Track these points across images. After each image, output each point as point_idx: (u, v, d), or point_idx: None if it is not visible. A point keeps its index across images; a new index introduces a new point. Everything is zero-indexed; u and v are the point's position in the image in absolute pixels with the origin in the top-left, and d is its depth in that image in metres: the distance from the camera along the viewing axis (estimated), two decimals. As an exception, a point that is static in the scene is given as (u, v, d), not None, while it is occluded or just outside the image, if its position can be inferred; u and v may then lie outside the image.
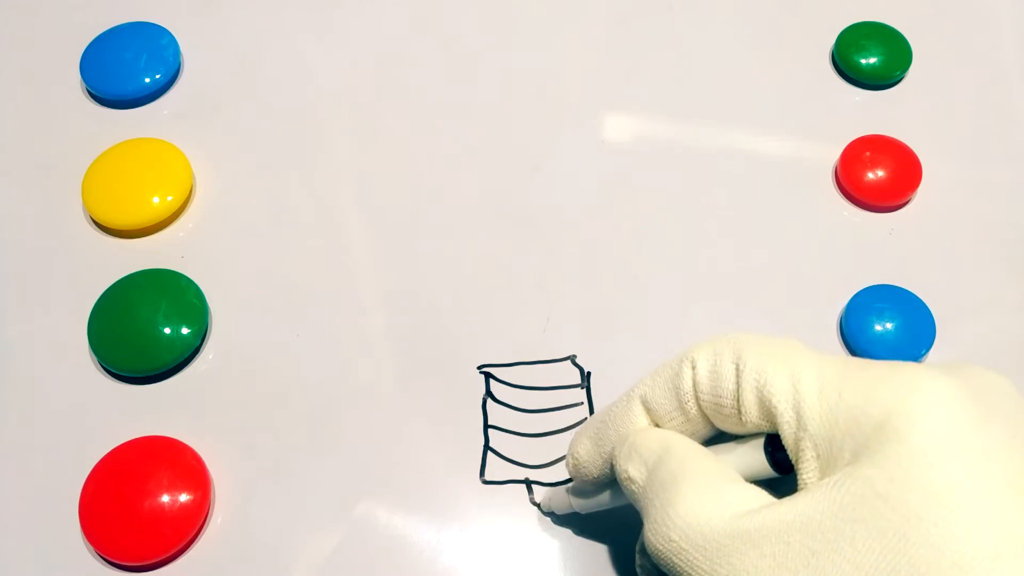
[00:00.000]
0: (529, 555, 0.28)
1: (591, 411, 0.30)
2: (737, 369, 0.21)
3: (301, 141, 0.36)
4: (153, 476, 0.28)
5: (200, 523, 0.28)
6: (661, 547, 0.20)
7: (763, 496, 0.20)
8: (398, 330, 0.32)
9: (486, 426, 0.30)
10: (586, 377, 0.31)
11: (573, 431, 0.30)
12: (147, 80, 0.37)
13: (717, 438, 0.22)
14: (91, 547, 0.28)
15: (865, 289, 0.32)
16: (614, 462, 0.23)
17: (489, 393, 0.31)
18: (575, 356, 0.31)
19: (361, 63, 0.38)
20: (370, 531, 0.28)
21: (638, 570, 0.24)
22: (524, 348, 0.31)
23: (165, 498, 0.28)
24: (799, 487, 0.19)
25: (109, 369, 0.31)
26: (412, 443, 0.30)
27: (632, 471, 0.22)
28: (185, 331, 0.31)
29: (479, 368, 0.31)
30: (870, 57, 0.37)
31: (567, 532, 0.28)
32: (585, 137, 0.36)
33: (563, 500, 0.27)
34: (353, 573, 0.28)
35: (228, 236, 0.34)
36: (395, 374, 0.31)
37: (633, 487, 0.22)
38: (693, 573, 0.19)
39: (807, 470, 0.19)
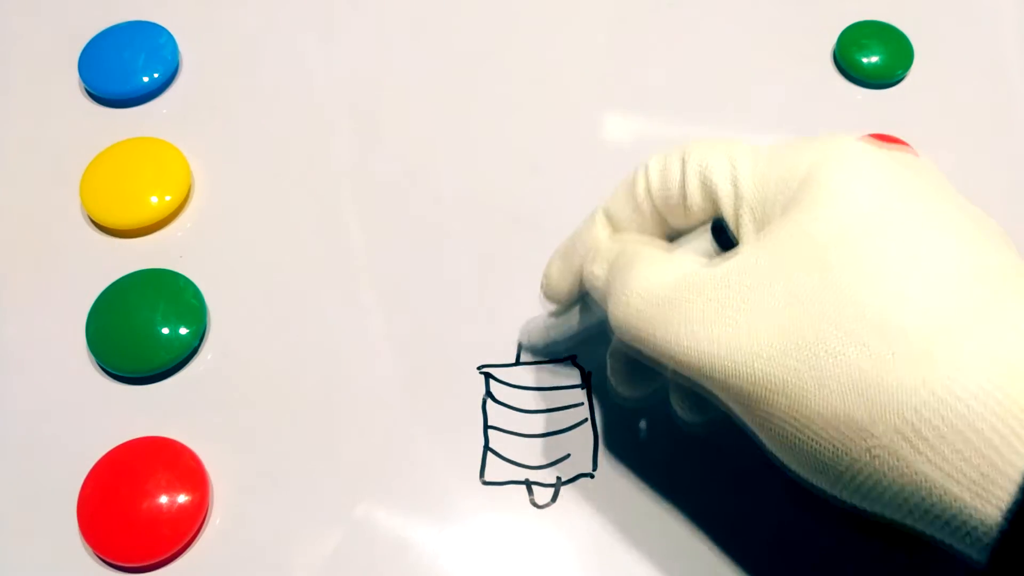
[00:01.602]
0: (529, 555, 0.28)
1: (591, 411, 0.30)
2: (683, 163, 0.23)
3: (300, 140, 0.36)
4: (151, 477, 0.28)
5: (198, 524, 0.28)
6: (622, 314, 0.22)
7: (710, 261, 0.22)
8: (398, 330, 0.32)
9: (486, 426, 0.30)
10: (586, 377, 0.31)
11: (573, 432, 0.30)
12: (145, 79, 0.37)
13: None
14: (89, 548, 0.28)
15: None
16: (583, 271, 0.25)
17: (489, 393, 0.30)
18: (575, 356, 0.31)
19: (360, 63, 0.38)
20: (370, 532, 0.28)
21: (609, 376, 0.27)
22: (524, 348, 0.31)
23: (163, 499, 0.28)
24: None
25: (107, 369, 0.31)
26: (412, 443, 0.30)
27: (596, 269, 0.24)
28: (183, 331, 0.31)
29: (479, 368, 0.31)
30: (871, 56, 0.37)
31: (567, 532, 0.28)
32: (585, 137, 0.36)
33: (539, 328, 0.30)
34: (353, 573, 0.28)
35: (226, 236, 0.34)
36: (395, 374, 0.31)
37: (598, 284, 0.24)
38: (651, 329, 0.21)
39: (746, 233, 0.22)
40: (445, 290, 0.32)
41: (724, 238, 0.22)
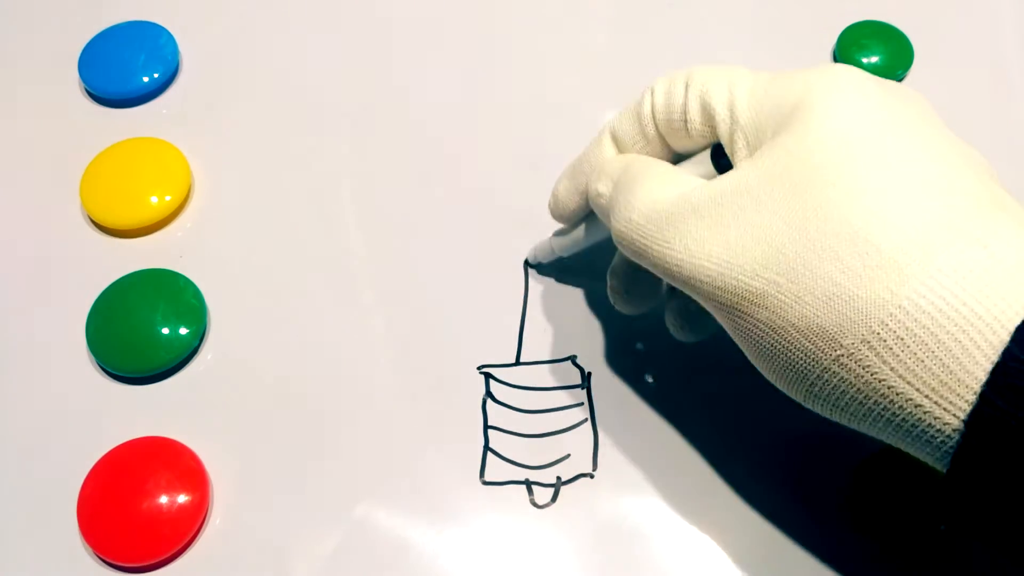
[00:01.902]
0: (529, 555, 0.28)
1: (591, 411, 0.30)
2: (686, 87, 0.24)
3: (300, 140, 0.36)
4: (151, 477, 0.28)
5: (198, 524, 0.28)
6: (623, 229, 0.23)
7: (707, 181, 0.23)
8: (398, 330, 0.32)
9: (486, 426, 0.30)
10: (586, 377, 0.31)
11: (573, 432, 0.30)
12: (145, 79, 0.37)
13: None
14: (89, 548, 0.28)
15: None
16: (588, 189, 0.26)
17: (489, 393, 0.30)
18: (575, 356, 0.31)
19: (360, 62, 0.38)
20: (370, 531, 0.28)
21: (609, 293, 0.28)
22: (524, 348, 0.31)
23: (163, 499, 0.28)
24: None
25: (107, 369, 0.31)
26: (412, 443, 0.30)
27: (601, 187, 0.25)
28: (183, 331, 0.31)
29: (479, 368, 0.31)
30: (871, 56, 0.37)
31: (567, 532, 0.28)
32: (585, 136, 0.36)
33: (546, 247, 0.31)
34: (353, 573, 0.28)
35: (226, 236, 0.34)
36: (395, 374, 0.31)
37: (602, 201, 0.25)
38: (649, 243, 0.23)
39: (740, 157, 0.23)
40: (445, 290, 0.32)
41: (723, 162, 0.23)
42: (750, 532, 0.28)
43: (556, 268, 0.33)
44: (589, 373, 0.31)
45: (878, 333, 0.19)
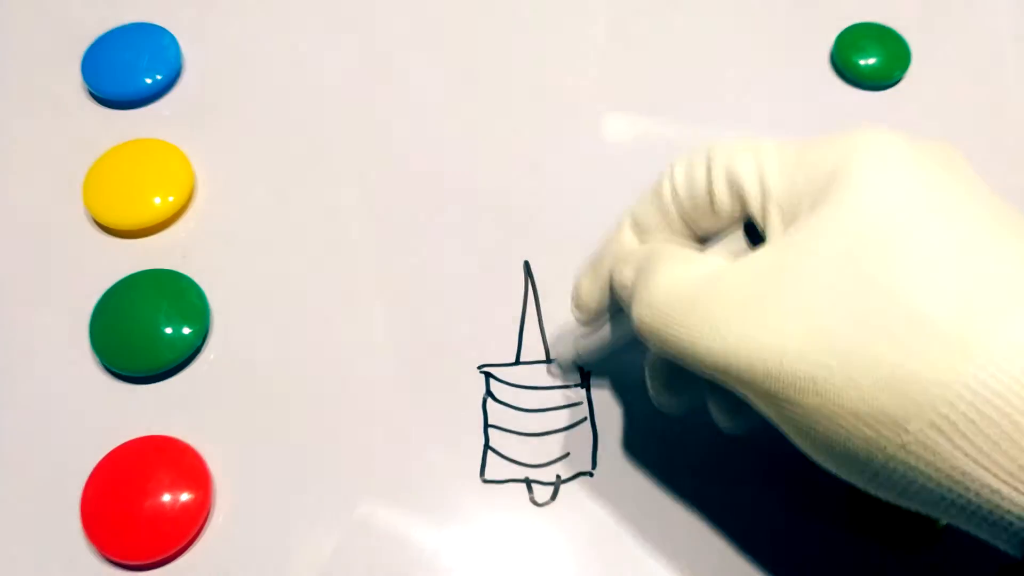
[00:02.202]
0: (529, 554, 0.28)
1: (591, 411, 0.30)
2: (708, 163, 0.23)
3: (302, 141, 0.36)
4: (154, 475, 0.28)
5: (201, 522, 0.28)
6: (646, 317, 0.22)
7: (736, 260, 0.21)
8: (399, 329, 0.32)
9: (486, 425, 0.30)
10: (586, 376, 0.31)
11: (573, 431, 0.30)
12: (148, 81, 0.37)
13: None
14: (92, 546, 0.28)
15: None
16: (612, 280, 0.25)
17: (489, 393, 0.31)
18: (575, 356, 0.31)
19: (361, 63, 0.38)
20: (370, 530, 0.28)
21: (649, 390, 0.26)
22: (524, 348, 0.31)
23: (166, 497, 0.28)
24: None
25: (111, 369, 0.31)
26: (412, 443, 0.30)
27: (625, 275, 0.24)
28: (186, 331, 0.31)
29: (479, 368, 0.31)
30: (869, 58, 0.37)
31: (567, 530, 0.28)
32: (584, 136, 0.36)
33: (568, 351, 0.29)
34: (353, 572, 0.28)
35: (229, 236, 0.34)
36: (396, 373, 0.31)
37: (625, 289, 0.24)
38: (674, 330, 0.21)
39: (774, 231, 0.21)
40: (446, 290, 0.33)
41: (758, 237, 0.22)
42: (750, 531, 0.28)
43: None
44: (589, 373, 0.31)
45: (946, 415, 0.17)
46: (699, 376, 0.23)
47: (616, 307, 0.26)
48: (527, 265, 0.33)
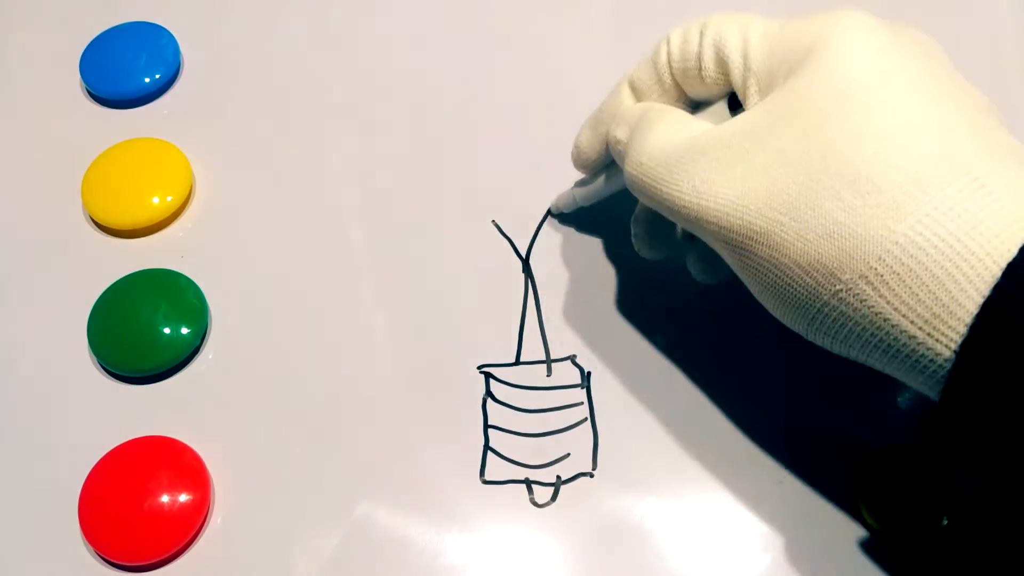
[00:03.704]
0: (529, 555, 0.28)
1: (591, 411, 0.30)
2: (701, 35, 0.25)
3: (301, 140, 0.36)
4: (153, 476, 0.28)
5: (200, 523, 0.28)
6: (635, 172, 0.24)
7: (716, 125, 0.23)
8: (398, 330, 0.32)
9: (486, 426, 0.30)
10: (586, 377, 0.31)
11: (573, 431, 0.30)
12: (147, 80, 0.37)
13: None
14: (91, 547, 0.28)
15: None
16: (608, 136, 0.27)
17: (489, 393, 0.31)
18: (575, 356, 0.31)
19: (361, 62, 0.38)
20: (370, 531, 0.28)
21: (633, 240, 0.30)
22: (524, 348, 0.31)
23: (165, 498, 0.28)
24: None
25: (109, 369, 0.31)
26: (412, 443, 0.30)
27: (619, 133, 0.26)
28: (185, 331, 0.31)
29: (479, 368, 0.31)
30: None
31: (567, 531, 0.28)
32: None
33: (568, 197, 0.32)
34: (353, 573, 0.28)
35: (228, 236, 0.34)
36: (395, 374, 0.31)
37: (620, 147, 0.26)
38: (659, 186, 0.24)
39: (751, 103, 0.23)
40: (446, 289, 0.33)
41: (739, 110, 0.24)
42: (750, 530, 0.28)
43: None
44: (589, 372, 0.31)
45: (875, 268, 0.20)
46: (677, 229, 0.28)
47: (611, 159, 0.29)
48: (527, 265, 0.33)
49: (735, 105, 0.25)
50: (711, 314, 0.32)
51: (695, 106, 0.26)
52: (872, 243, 0.20)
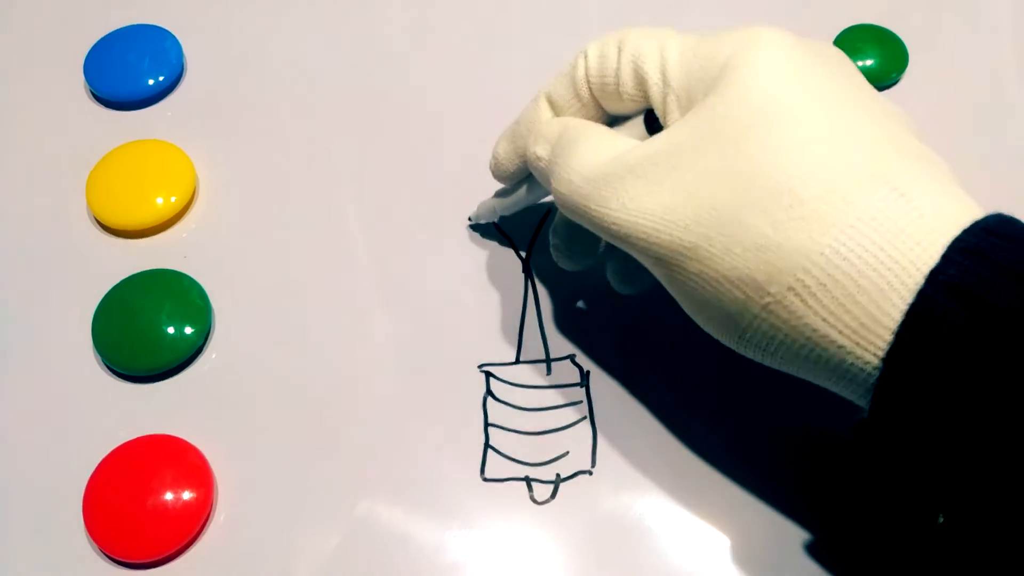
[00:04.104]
0: (529, 553, 0.28)
1: (590, 409, 0.30)
2: (619, 51, 0.25)
3: (303, 142, 0.36)
4: (156, 474, 0.29)
5: (203, 521, 0.28)
6: (564, 191, 0.24)
7: (641, 142, 0.23)
8: (399, 329, 0.32)
9: (486, 424, 0.30)
10: (585, 377, 0.31)
11: (572, 429, 0.30)
12: (150, 82, 0.37)
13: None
14: (95, 545, 0.28)
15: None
16: (525, 152, 0.27)
17: (489, 391, 0.31)
18: (574, 355, 0.31)
19: (362, 64, 0.38)
20: (371, 529, 0.28)
21: (552, 251, 0.30)
22: (524, 348, 0.32)
23: (168, 496, 0.28)
24: None
25: (113, 368, 0.31)
26: (412, 442, 0.30)
27: (539, 150, 0.26)
28: (188, 331, 0.31)
29: (479, 367, 0.31)
30: (866, 60, 0.38)
31: (566, 529, 0.28)
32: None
33: (488, 207, 0.32)
34: (354, 571, 0.28)
35: (231, 236, 0.34)
36: (396, 373, 0.31)
37: (541, 164, 0.26)
38: (588, 204, 0.24)
39: (672, 119, 0.23)
40: (446, 289, 0.33)
41: (656, 126, 0.24)
42: (749, 528, 0.28)
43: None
44: (588, 372, 0.31)
45: (802, 280, 0.20)
46: (597, 242, 0.29)
47: (530, 175, 0.29)
48: (527, 265, 0.33)
49: (651, 120, 0.25)
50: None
51: (611, 120, 0.26)
52: (798, 255, 0.20)
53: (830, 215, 0.20)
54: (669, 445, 0.30)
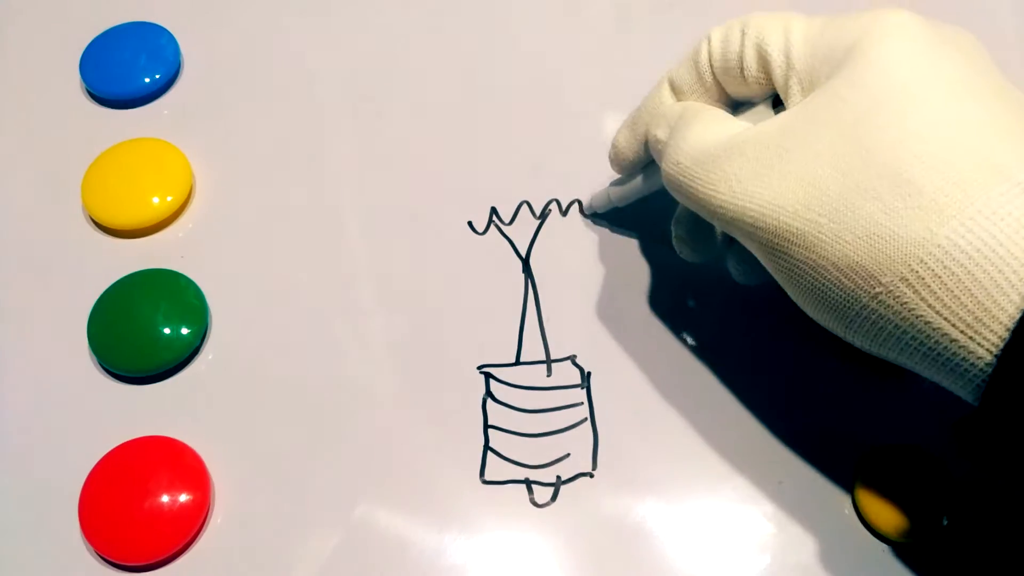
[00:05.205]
0: (530, 556, 0.28)
1: (591, 411, 0.30)
2: (742, 34, 0.24)
3: (301, 141, 0.36)
4: (153, 476, 0.28)
5: (200, 523, 0.28)
6: (672, 171, 0.24)
7: (755, 125, 0.23)
8: (398, 330, 0.32)
9: (486, 426, 0.30)
10: (586, 377, 0.31)
11: (573, 431, 0.30)
12: (147, 80, 0.37)
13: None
14: (91, 547, 0.28)
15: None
16: (647, 135, 0.27)
17: (489, 393, 0.31)
18: (575, 356, 0.31)
19: (361, 62, 0.38)
20: (370, 531, 0.28)
21: (674, 242, 0.29)
22: (524, 348, 0.31)
23: (165, 498, 0.28)
24: None
25: (109, 369, 0.31)
26: (412, 443, 0.30)
27: (659, 133, 0.26)
28: (185, 331, 0.31)
29: (479, 368, 0.31)
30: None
31: (567, 531, 0.28)
32: (585, 137, 0.36)
33: (603, 196, 0.32)
34: (353, 573, 0.28)
35: (227, 236, 0.34)
36: (395, 374, 0.31)
37: (659, 146, 0.26)
38: (696, 185, 0.23)
39: (793, 102, 0.23)
40: (446, 290, 0.33)
41: (781, 110, 0.24)
42: (750, 530, 0.28)
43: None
44: (589, 373, 0.31)
45: (916, 271, 0.19)
46: (716, 231, 0.28)
47: (649, 159, 0.28)
48: (527, 265, 0.33)
49: (779, 106, 0.24)
50: (711, 314, 0.32)
51: (737, 106, 0.26)
52: (914, 246, 0.19)
53: (949, 206, 0.19)
54: (671, 447, 0.29)
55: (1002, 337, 0.19)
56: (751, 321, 0.31)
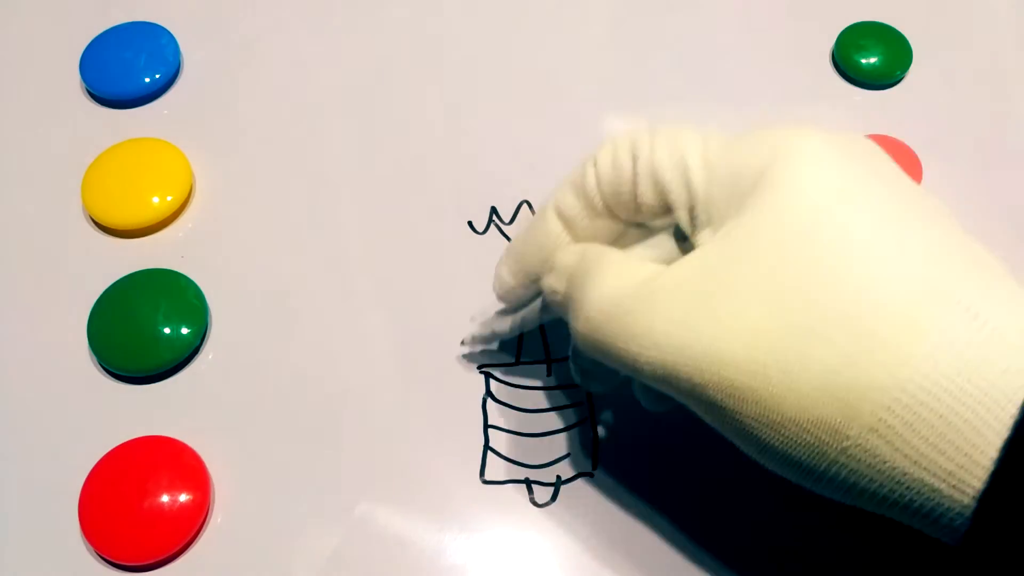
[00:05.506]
0: (529, 555, 0.28)
1: (591, 411, 0.30)
2: (633, 157, 0.22)
3: (301, 141, 0.36)
4: (153, 476, 0.28)
5: (200, 523, 0.28)
6: (583, 329, 0.22)
7: (668, 267, 0.21)
8: (398, 330, 0.32)
9: (486, 426, 0.30)
10: (586, 377, 0.31)
11: (573, 431, 0.30)
12: (147, 80, 0.37)
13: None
14: (91, 547, 0.28)
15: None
16: (541, 283, 0.25)
17: (489, 393, 0.31)
18: (575, 356, 0.31)
19: (361, 62, 0.38)
20: (370, 531, 0.28)
21: (574, 375, 0.27)
22: (524, 348, 0.31)
23: (165, 498, 0.28)
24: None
25: (109, 369, 0.31)
26: (412, 443, 0.30)
27: (554, 283, 0.24)
28: (185, 331, 0.31)
29: (479, 368, 0.31)
30: (870, 57, 0.37)
31: (567, 531, 0.28)
32: (585, 136, 0.36)
33: (493, 329, 0.29)
34: (353, 573, 0.28)
35: (227, 236, 0.34)
36: (395, 374, 0.31)
37: (557, 298, 0.24)
38: (610, 341, 0.21)
39: (702, 235, 0.21)
40: (445, 289, 0.33)
41: (686, 236, 0.22)
42: (750, 531, 0.28)
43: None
44: (589, 373, 0.31)
45: (884, 420, 0.18)
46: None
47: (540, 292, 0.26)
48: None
49: (683, 234, 0.22)
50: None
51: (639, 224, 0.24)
52: (878, 392, 0.18)
53: (904, 345, 0.18)
54: (671, 447, 0.29)
55: (983, 481, 0.17)
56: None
